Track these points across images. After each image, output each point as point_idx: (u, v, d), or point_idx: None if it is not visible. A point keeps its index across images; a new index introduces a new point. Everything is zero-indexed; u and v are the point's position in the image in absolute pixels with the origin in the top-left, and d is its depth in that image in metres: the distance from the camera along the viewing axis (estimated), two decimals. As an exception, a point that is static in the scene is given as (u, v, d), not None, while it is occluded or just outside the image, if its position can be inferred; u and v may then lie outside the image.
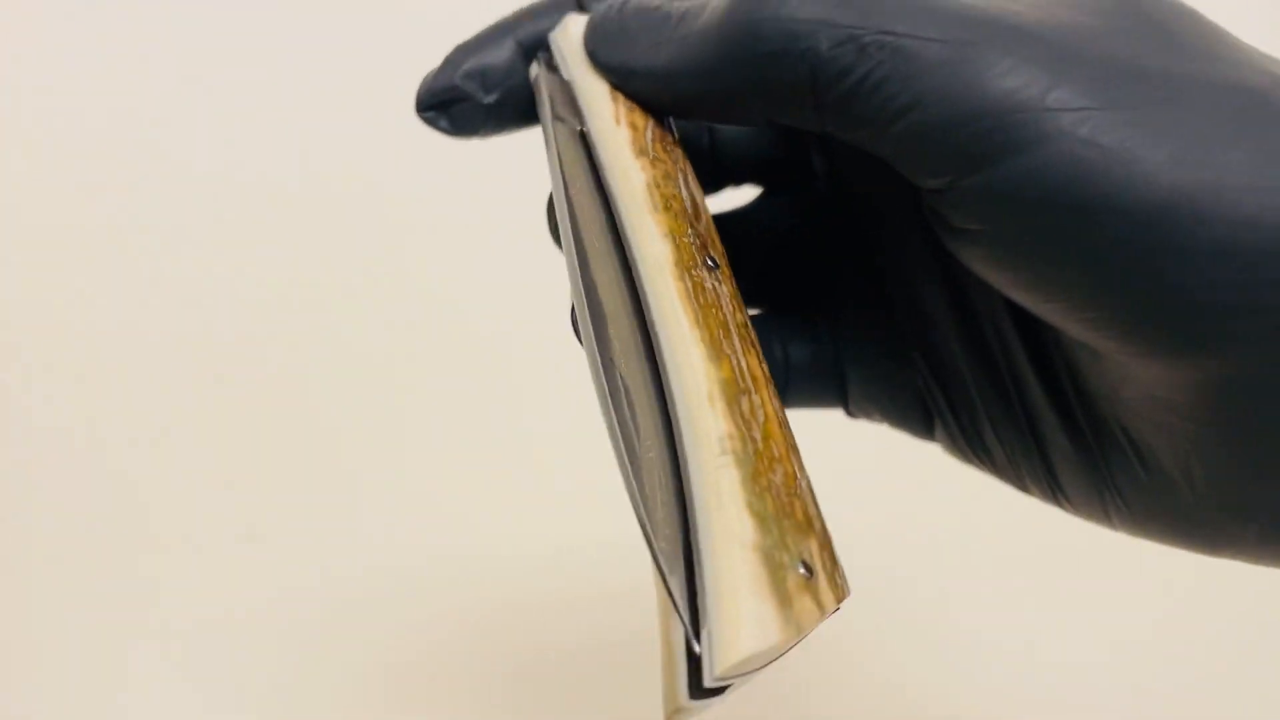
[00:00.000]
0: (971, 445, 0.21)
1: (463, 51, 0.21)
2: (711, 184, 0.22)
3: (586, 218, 0.18)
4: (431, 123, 0.21)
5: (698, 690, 0.13)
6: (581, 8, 0.21)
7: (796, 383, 0.22)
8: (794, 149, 0.23)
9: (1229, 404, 0.16)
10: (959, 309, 0.21)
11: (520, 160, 0.29)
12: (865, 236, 0.22)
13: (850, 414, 0.23)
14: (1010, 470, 0.21)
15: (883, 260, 0.22)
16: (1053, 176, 0.15)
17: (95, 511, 0.39)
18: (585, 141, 0.19)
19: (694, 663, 0.13)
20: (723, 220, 0.21)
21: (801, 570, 0.14)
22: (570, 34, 0.20)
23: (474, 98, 0.21)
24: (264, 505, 0.40)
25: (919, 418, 0.22)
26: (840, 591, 0.15)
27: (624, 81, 0.19)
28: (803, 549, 0.14)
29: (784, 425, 0.16)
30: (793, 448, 0.16)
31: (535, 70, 0.21)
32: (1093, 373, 0.18)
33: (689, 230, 0.18)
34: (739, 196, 0.24)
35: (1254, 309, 0.14)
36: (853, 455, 0.24)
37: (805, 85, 0.17)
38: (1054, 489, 0.20)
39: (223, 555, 0.38)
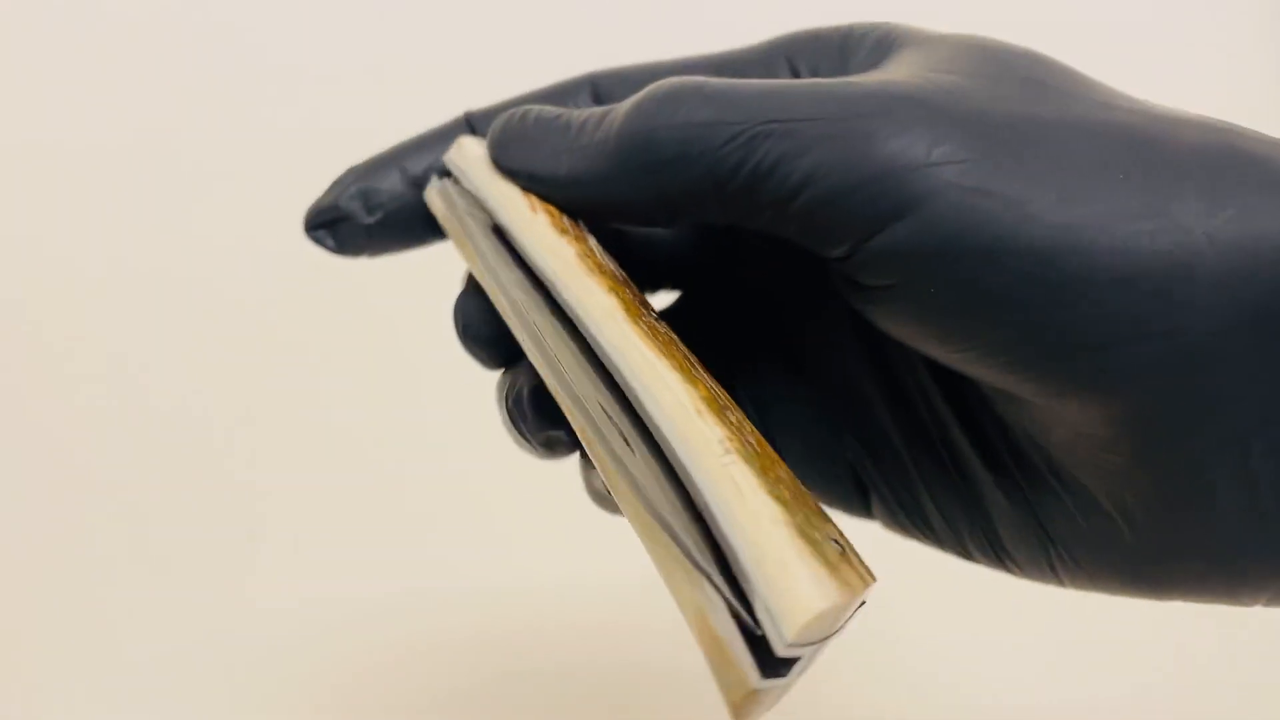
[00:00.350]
0: (910, 517, 0.21)
1: (351, 174, 0.22)
2: None
3: (519, 297, 0.19)
4: (319, 241, 0.22)
5: (769, 668, 0.13)
6: (473, 133, 0.22)
7: None
8: (704, 248, 0.23)
9: (1146, 434, 0.16)
10: (883, 379, 0.21)
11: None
12: (784, 320, 0.22)
13: None
14: (952, 539, 0.21)
15: (803, 341, 0.22)
16: (947, 227, 0.16)
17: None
18: (501, 234, 0.20)
19: (756, 642, 0.13)
20: None
21: (835, 545, 0.14)
22: (467, 151, 0.21)
23: (355, 218, 0.22)
24: (261, 513, 0.41)
25: (855, 494, 0.22)
26: (870, 573, 0.15)
27: (529, 186, 0.20)
28: (828, 530, 0.15)
29: (766, 440, 0.17)
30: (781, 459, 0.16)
31: (431, 190, 0.21)
32: (1020, 422, 0.18)
33: (626, 290, 0.18)
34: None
35: (1150, 336, 0.15)
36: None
37: (705, 184, 0.17)
38: (998, 552, 0.20)
39: (217, 571, 0.39)
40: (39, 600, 0.38)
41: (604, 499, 0.21)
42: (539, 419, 0.19)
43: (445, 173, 0.21)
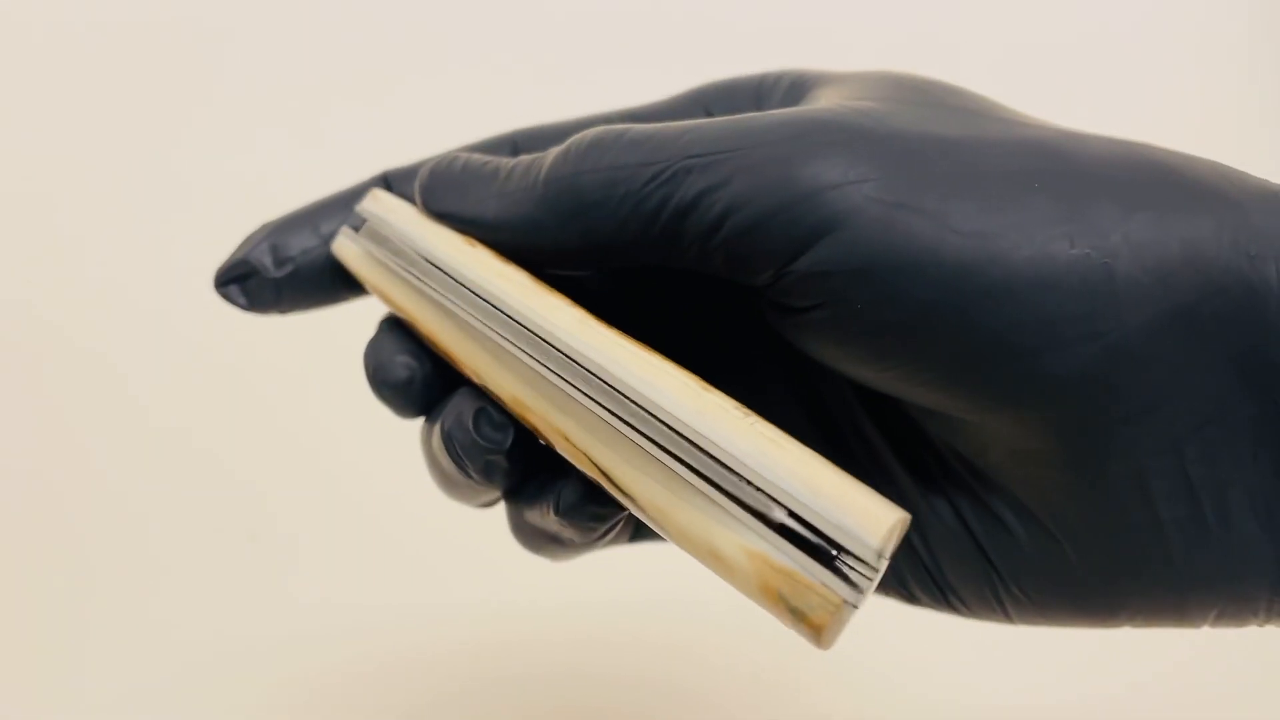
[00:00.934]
0: None
1: (263, 229, 0.22)
2: None
3: (478, 319, 0.19)
4: (230, 298, 0.22)
5: (850, 583, 0.15)
6: (389, 188, 0.22)
7: None
8: (623, 286, 0.23)
9: (1082, 443, 0.16)
10: (811, 410, 0.21)
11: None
12: (705, 355, 0.22)
13: None
14: (892, 577, 0.20)
15: (727, 376, 0.22)
16: (868, 243, 0.16)
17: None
18: (438, 267, 0.20)
19: (830, 562, 0.15)
20: None
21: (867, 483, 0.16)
22: (384, 200, 0.21)
23: (265, 272, 0.21)
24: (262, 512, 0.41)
25: None
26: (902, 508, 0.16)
27: (458, 229, 0.20)
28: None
29: None
30: None
31: (342, 241, 0.21)
32: (954, 445, 0.18)
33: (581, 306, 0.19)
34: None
35: (1074, 340, 0.15)
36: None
37: (630, 225, 0.18)
38: (942, 589, 0.20)
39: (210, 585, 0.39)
40: (29, 609, 0.39)
41: (535, 537, 0.20)
42: (484, 444, 0.19)
43: (357, 226, 0.21)
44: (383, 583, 0.40)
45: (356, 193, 0.22)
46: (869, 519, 0.15)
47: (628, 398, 0.17)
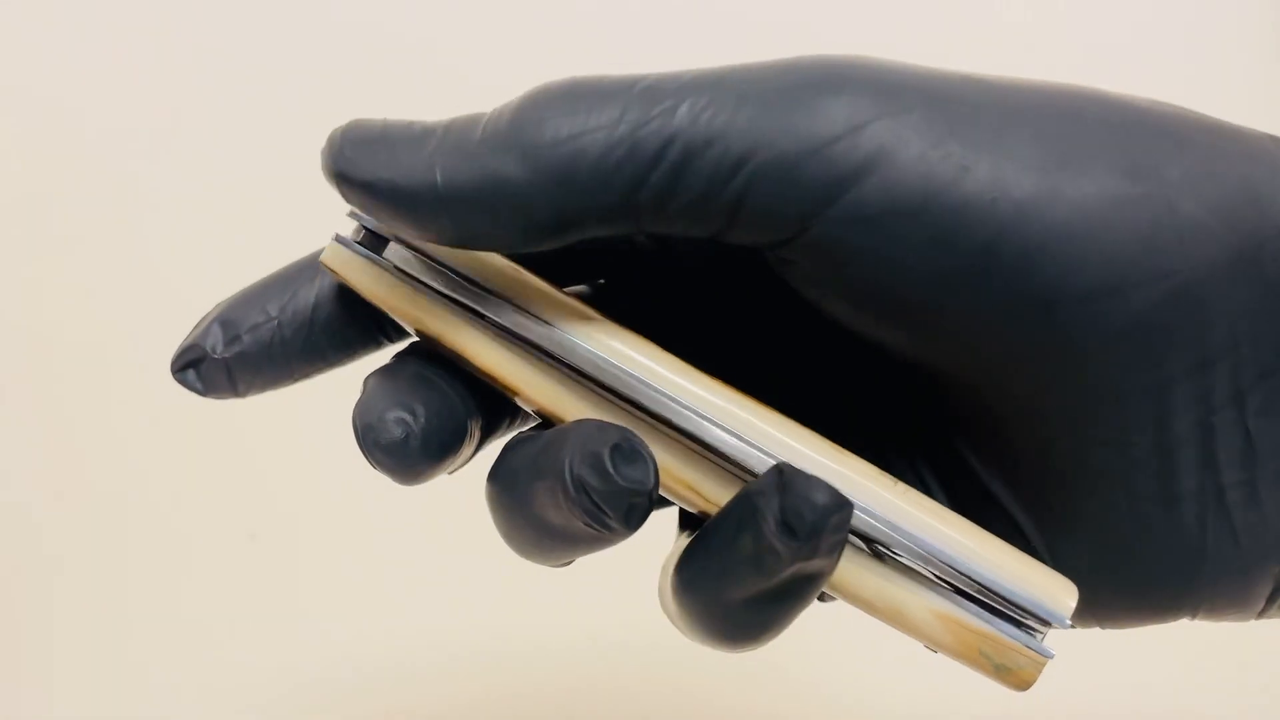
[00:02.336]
0: None
1: (215, 309, 0.19)
2: None
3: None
4: (187, 385, 0.19)
5: (1040, 649, 0.16)
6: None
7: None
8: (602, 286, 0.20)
9: (1140, 402, 0.15)
10: (815, 403, 0.19)
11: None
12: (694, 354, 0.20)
13: None
14: None
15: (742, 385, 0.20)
16: (920, 179, 0.14)
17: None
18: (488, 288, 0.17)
19: (1025, 626, 0.16)
20: None
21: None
22: None
23: (212, 354, 0.18)
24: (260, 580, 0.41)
25: None
26: None
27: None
28: None
29: None
30: None
31: (335, 250, 0.18)
32: (1005, 427, 0.17)
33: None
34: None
35: (1139, 283, 0.14)
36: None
37: (624, 171, 0.15)
38: None
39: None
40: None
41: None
42: (629, 486, 0.15)
43: (348, 232, 0.18)
44: (383, 586, 0.40)
45: (314, 262, 0.18)
46: (1062, 592, 0.16)
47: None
